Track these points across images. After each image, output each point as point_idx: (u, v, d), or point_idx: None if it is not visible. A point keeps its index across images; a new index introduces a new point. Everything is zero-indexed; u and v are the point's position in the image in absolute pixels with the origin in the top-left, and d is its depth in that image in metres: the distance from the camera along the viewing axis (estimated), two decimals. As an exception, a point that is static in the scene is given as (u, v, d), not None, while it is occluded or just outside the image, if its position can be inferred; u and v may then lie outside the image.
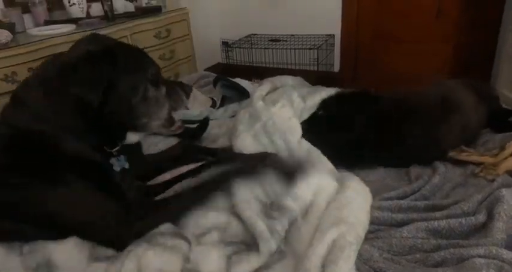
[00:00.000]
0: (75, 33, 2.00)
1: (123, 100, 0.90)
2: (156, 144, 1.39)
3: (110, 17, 2.31)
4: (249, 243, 0.87)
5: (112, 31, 2.16)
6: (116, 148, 0.98)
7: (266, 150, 1.16)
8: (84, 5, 2.35)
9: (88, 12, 2.43)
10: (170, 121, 1.04)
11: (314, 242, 0.78)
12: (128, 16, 2.43)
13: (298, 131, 1.20)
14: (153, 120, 0.99)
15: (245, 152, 1.17)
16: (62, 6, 2.34)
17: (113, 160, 0.97)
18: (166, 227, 0.90)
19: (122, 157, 1.00)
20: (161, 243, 0.83)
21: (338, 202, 0.90)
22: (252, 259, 0.80)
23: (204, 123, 1.48)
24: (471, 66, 2.60)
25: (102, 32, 2.09)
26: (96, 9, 2.47)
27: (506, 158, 1.10)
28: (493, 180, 1.05)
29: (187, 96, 1.06)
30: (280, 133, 1.18)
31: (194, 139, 1.44)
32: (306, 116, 1.33)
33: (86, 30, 2.05)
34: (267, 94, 1.43)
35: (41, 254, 0.80)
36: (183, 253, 0.82)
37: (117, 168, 0.98)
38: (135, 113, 0.94)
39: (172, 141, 1.39)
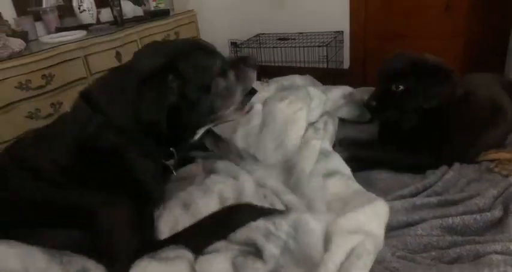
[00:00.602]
0: (86, 39, 2.04)
1: (197, 105, 0.92)
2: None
3: (119, 21, 2.34)
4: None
5: (121, 36, 2.19)
6: (172, 160, 1.00)
7: (253, 153, 1.14)
8: (94, 11, 2.38)
9: (98, 18, 2.47)
10: (243, 103, 1.07)
11: (333, 248, 0.74)
12: (136, 20, 2.47)
13: (302, 125, 1.18)
14: (229, 108, 1.01)
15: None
16: (72, 13, 2.38)
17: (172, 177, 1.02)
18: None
19: (172, 168, 1.02)
20: (164, 257, 0.80)
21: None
22: (257, 265, 0.77)
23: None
24: (483, 61, 2.55)
25: (112, 37, 2.13)
26: (106, 14, 2.51)
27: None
28: (507, 175, 1.04)
29: (254, 69, 1.06)
30: (276, 134, 1.15)
31: None
32: (328, 108, 1.35)
33: (96, 36, 2.08)
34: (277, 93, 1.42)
35: (79, 263, 0.80)
36: (189, 261, 0.79)
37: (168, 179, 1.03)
38: (211, 110, 0.96)
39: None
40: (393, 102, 1.19)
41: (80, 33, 2.10)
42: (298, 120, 1.19)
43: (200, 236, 0.87)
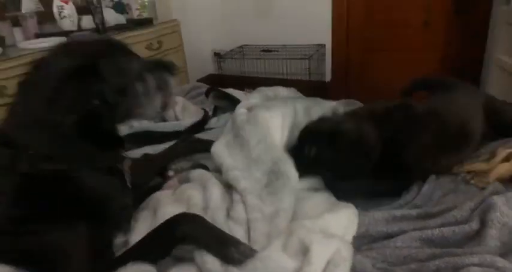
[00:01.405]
0: (66, 46, 2.00)
1: (116, 107, 0.87)
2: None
3: (101, 29, 2.31)
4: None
5: (103, 43, 2.16)
6: (124, 162, 0.96)
7: (237, 159, 1.12)
8: (75, 17, 2.35)
9: (79, 25, 2.43)
10: (162, 107, 1.02)
11: (313, 260, 0.72)
12: (119, 28, 2.44)
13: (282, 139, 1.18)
14: (145, 111, 0.98)
15: (219, 159, 1.12)
16: (52, 20, 2.34)
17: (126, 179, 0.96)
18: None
19: (127, 170, 0.98)
20: None
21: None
22: None
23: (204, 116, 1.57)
24: (460, 73, 2.63)
25: (93, 44, 2.09)
26: (88, 21, 2.48)
27: (496, 165, 1.10)
28: (483, 188, 1.05)
29: (172, 73, 1.02)
30: (258, 138, 1.13)
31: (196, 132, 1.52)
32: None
33: (76, 43, 2.05)
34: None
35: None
36: None
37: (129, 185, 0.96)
38: (126, 113, 0.93)
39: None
40: (310, 164, 1.07)
41: (59, 40, 2.06)
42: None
43: (151, 248, 0.83)
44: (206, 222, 0.86)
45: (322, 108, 1.38)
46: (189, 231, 0.82)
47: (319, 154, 1.05)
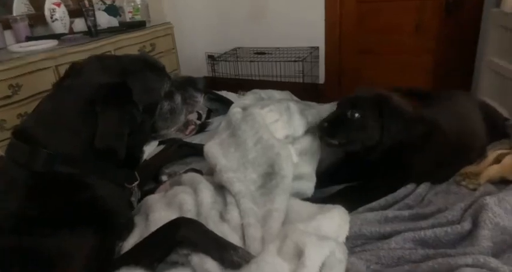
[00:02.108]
0: (57, 48, 1.98)
1: (140, 125, 0.88)
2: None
3: (93, 32, 2.30)
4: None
5: (95, 46, 2.15)
6: (136, 183, 0.96)
7: (231, 159, 1.12)
8: (67, 20, 2.33)
9: (71, 28, 2.42)
10: (186, 124, 1.05)
11: (307, 262, 0.72)
12: (111, 31, 2.43)
13: (279, 136, 1.17)
14: (171, 128, 1.00)
15: (213, 160, 1.11)
16: (44, 22, 2.32)
17: (132, 200, 0.96)
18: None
19: (137, 190, 0.98)
20: None
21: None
22: None
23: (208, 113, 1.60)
24: (451, 77, 2.66)
25: (85, 47, 2.08)
26: (80, 24, 2.46)
27: (487, 167, 1.11)
28: (474, 189, 1.06)
29: (201, 93, 1.04)
30: (256, 139, 1.13)
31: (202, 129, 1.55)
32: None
33: (68, 46, 2.04)
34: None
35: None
36: None
37: (135, 204, 0.97)
38: (153, 130, 0.94)
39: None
40: (345, 128, 1.11)
41: (51, 43, 2.05)
42: (275, 131, 1.18)
43: (148, 252, 0.83)
44: (204, 227, 0.86)
45: (318, 110, 1.38)
46: (188, 235, 0.82)
47: (361, 119, 1.09)
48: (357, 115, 1.10)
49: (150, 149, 1.38)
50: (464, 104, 1.31)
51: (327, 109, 1.39)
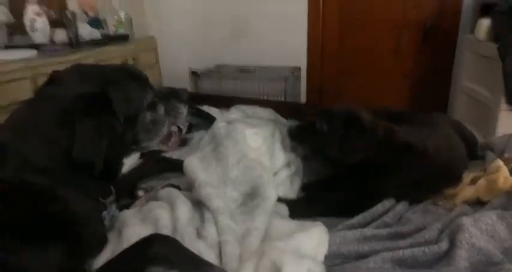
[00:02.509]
0: (36, 58, 1.94)
1: (121, 137, 0.86)
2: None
3: (75, 43, 2.27)
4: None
5: (76, 58, 2.11)
6: (110, 197, 0.92)
7: (212, 173, 1.11)
8: (48, 30, 2.30)
9: (52, 39, 2.38)
10: (169, 136, 1.03)
11: None
12: (94, 43, 2.40)
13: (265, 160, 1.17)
14: (153, 140, 0.98)
15: (192, 174, 1.09)
16: (24, 32, 2.27)
17: (104, 214, 0.92)
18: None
19: (114, 207, 0.95)
20: None
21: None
22: None
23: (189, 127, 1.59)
24: (428, 98, 2.75)
25: (66, 58, 2.05)
26: (61, 35, 2.42)
27: (463, 189, 1.13)
28: (451, 209, 1.07)
29: (185, 104, 1.03)
30: (239, 157, 1.12)
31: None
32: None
33: (48, 56, 2.00)
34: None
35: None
36: None
37: (107, 223, 0.93)
38: (135, 141, 0.91)
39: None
40: (309, 136, 1.21)
41: (29, 52, 2.00)
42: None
43: (119, 270, 0.79)
44: (179, 243, 0.83)
45: None
46: (162, 252, 0.79)
47: (325, 131, 1.16)
48: (325, 126, 1.18)
49: (131, 162, 1.35)
50: (442, 125, 1.33)
51: None
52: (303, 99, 3.14)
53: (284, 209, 1.10)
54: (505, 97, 1.82)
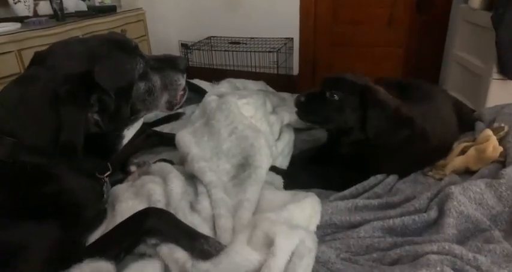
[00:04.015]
0: (20, 32, 1.88)
1: (116, 112, 0.84)
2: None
3: (60, 16, 2.19)
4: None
5: (61, 31, 2.04)
6: (108, 173, 0.92)
7: (204, 147, 1.10)
8: (31, 2, 2.21)
9: (35, 11, 2.30)
10: (171, 104, 1.00)
11: (277, 252, 0.71)
12: (79, 15, 2.33)
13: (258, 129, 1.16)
14: (152, 110, 0.96)
15: (185, 149, 1.09)
16: (6, 4, 2.19)
17: (104, 189, 0.92)
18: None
19: (108, 182, 0.95)
20: None
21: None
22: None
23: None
24: (421, 69, 2.74)
25: (51, 31, 1.98)
26: (45, 7, 2.34)
27: (453, 159, 1.14)
28: (440, 179, 1.09)
29: (183, 74, 0.98)
30: (230, 129, 1.12)
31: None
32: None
33: (32, 29, 1.93)
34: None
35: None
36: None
37: (106, 197, 0.93)
38: (131, 113, 0.89)
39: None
40: (320, 107, 1.10)
41: (13, 26, 1.93)
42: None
43: (114, 242, 0.80)
44: (173, 216, 0.84)
45: (289, 108, 1.38)
46: (157, 224, 0.80)
47: (339, 102, 1.08)
48: (335, 96, 1.08)
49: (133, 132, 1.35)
50: (443, 101, 1.32)
51: None
52: (296, 71, 3.11)
53: (278, 180, 1.11)
54: (497, 66, 1.81)
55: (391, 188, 1.09)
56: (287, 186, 1.11)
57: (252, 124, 1.15)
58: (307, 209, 0.88)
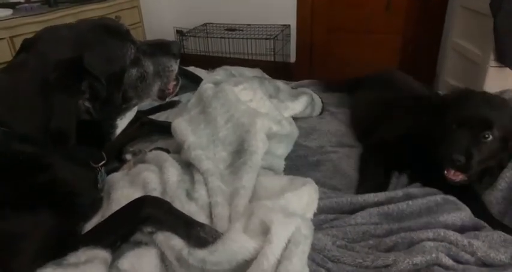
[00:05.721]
0: (12, 18, 1.84)
1: (108, 99, 0.83)
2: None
3: (52, 1, 2.15)
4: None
5: (54, 17, 2.01)
6: (102, 163, 0.92)
7: (201, 135, 1.10)
8: (23, -12, 2.17)
9: (27, -4, 2.25)
10: (164, 93, 0.99)
11: (273, 239, 0.71)
12: (72, 1, 2.29)
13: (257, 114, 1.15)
14: (144, 98, 0.94)
15: (181, 137, 1.08)
16: (-4, -11, 2.14)
17: (98, 178, 0.91)
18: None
19: (103, 171, 0.94)
20: (73, 262, 0.72)
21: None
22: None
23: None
24: (418, 56, 2.73)
25: (43, 18, 1.95)
26: (37, -7, 2.30)
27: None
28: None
29: (176, 59, 0.96)
30: (227, 117, 1.11)
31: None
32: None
33: (24, 16, 1.90)
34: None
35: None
36: (103, 261, 0.73)
37: (101, 186, 0.93)
38: (124, 100, 0.88)
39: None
40: (478, 155, 0.92)
41: (5, 12, 1.90)
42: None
43: (110, 231, 0.80)
44: (170, 205, 0.84)
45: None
46: (153, 212, 0.80)
47: (492, 141, 0.94)
48: (490, 137, 0.93)
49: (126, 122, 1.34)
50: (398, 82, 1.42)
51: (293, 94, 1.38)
52: (293, 58, 3.09)
53: (278, 164, 1.10)
54: (495, 54, 1.80)
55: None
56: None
57: (250, 109, 1.14)
58: (304, 197, 0.88)
